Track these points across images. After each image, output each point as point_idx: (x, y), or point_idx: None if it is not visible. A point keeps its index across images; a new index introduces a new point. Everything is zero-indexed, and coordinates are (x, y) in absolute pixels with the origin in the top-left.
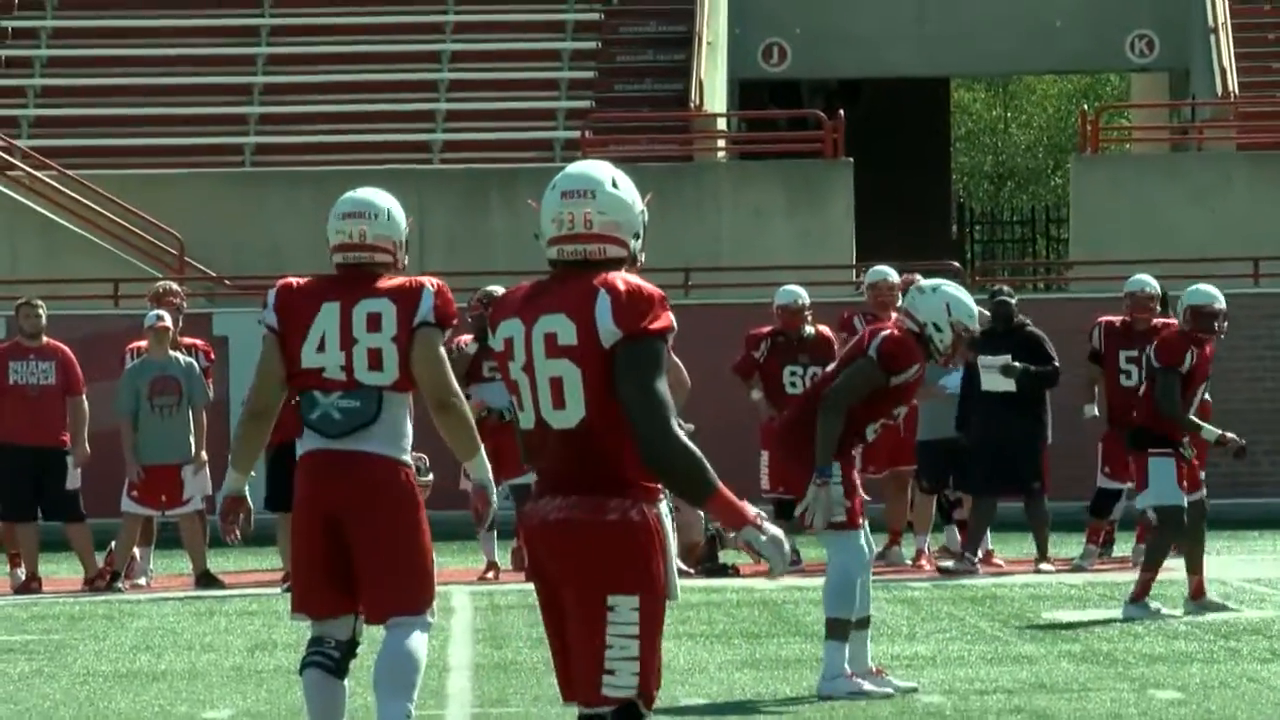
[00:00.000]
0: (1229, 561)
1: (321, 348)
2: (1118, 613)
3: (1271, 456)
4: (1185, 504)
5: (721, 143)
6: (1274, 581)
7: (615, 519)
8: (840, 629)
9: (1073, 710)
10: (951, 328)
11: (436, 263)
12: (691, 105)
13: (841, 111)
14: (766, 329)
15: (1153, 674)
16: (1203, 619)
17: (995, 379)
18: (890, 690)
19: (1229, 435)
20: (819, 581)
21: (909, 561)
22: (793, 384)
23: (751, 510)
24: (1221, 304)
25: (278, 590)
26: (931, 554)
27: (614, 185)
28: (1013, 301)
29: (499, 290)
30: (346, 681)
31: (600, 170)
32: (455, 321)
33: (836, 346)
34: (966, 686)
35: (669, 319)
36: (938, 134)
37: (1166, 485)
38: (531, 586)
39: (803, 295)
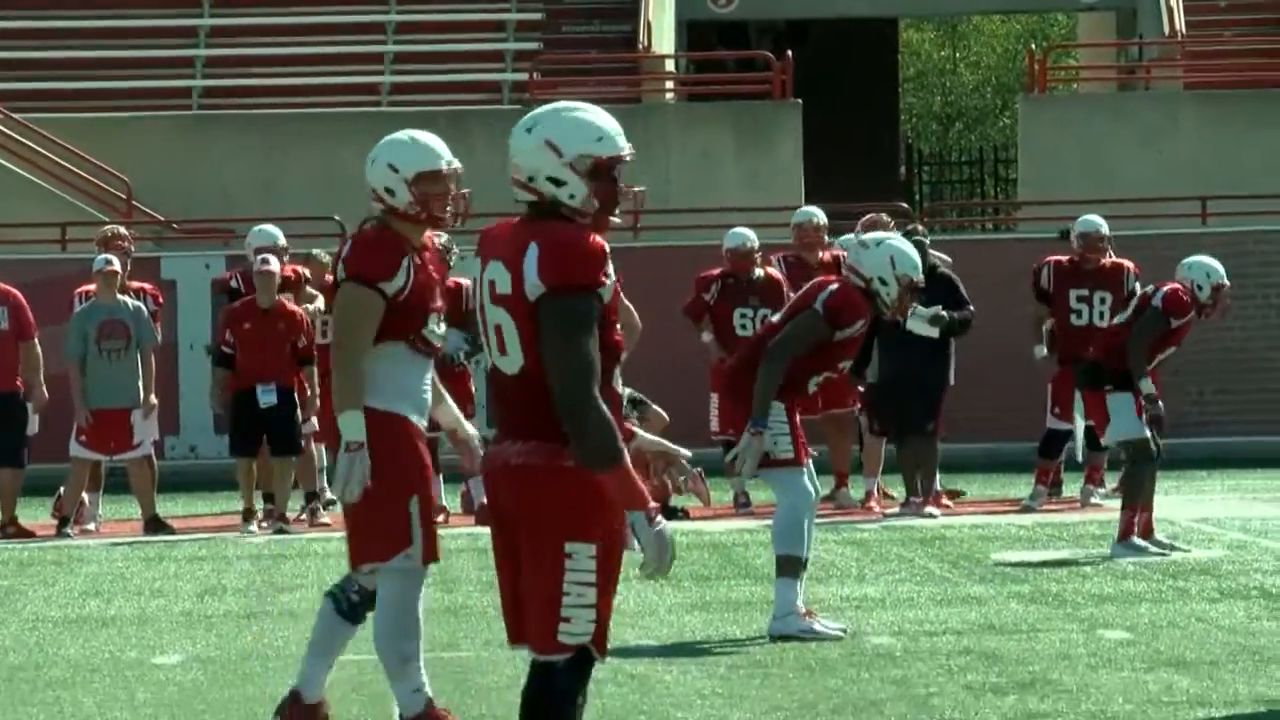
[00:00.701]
0: (1177, 501)
1: None
2: (1066, 553)
3: (1220, 396)
4: (1149, 434)
5: (670, 84)
6: (1222, 521)
7: (573, 465)
8: (791, 566)
9: (1022, 651)
10: (897, 281)
11: None
12: (640, 47)
13: (789, 52)
14: (716, 271)
15: (1101, 614)
16: (1149, 560)
17: (922, 325)
18: (838, 632)
19: (1158, 404)
20: (768, 523)
21: (858, 503)
22: (743, 326)
23: (648, 499)
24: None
25: (232, 534)
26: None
27: (528, 130)
28: (927, 242)
29: (443, 238)
30: (358, 629)
31: (537, 111)
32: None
33: (786, 289)
34: (916, 628)
35: (599, 275)
36: (886, 75)
37: (1129, 420)
38: (481, 530)
39: (752, 238)
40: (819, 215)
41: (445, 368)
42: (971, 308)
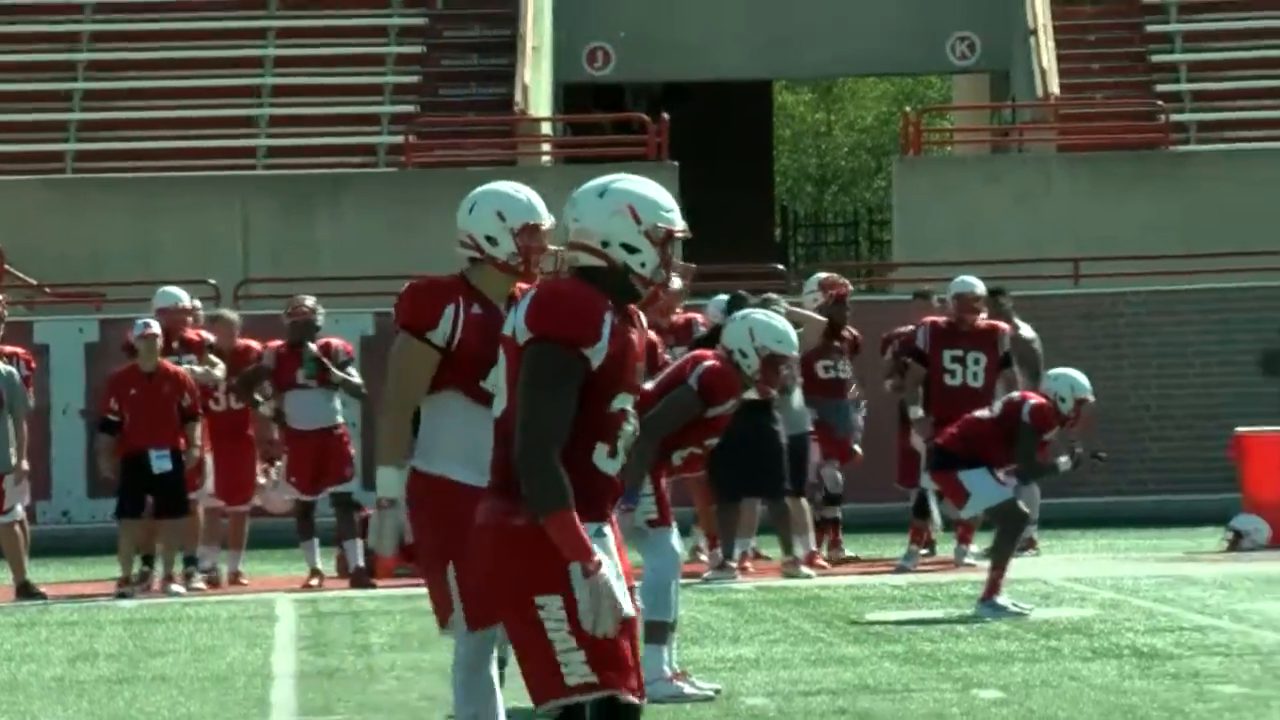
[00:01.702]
0: (1051, 561)
1: None
2: (940, 613)
3: (1092, 458)
4: (1012, 495)
5: (546, 146)
6: (1094, 580)
7: (522, 524)
8: (659, 631)
9: (895, 711)
10: (757, 353)
11: (261, 269)
12: (516, 109)
13: (665, 115)
14: None
15: (975, 674)
16: (1027, 620)
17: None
18: (710, 693)
19: (1075, 453)
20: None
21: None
22: None
23: (593, 553)
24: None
25: (102, 600)
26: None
27: (600, 194)
28: (782, 310)
29: (310, 300)
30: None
31: (602, 179)
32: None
33: (660, 349)
34: (790, 688)
35: (585, 333)
36: (760, 137)
37: (988, 489)
38: (355, 593)
39: None
40: (677, 280)
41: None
42: None
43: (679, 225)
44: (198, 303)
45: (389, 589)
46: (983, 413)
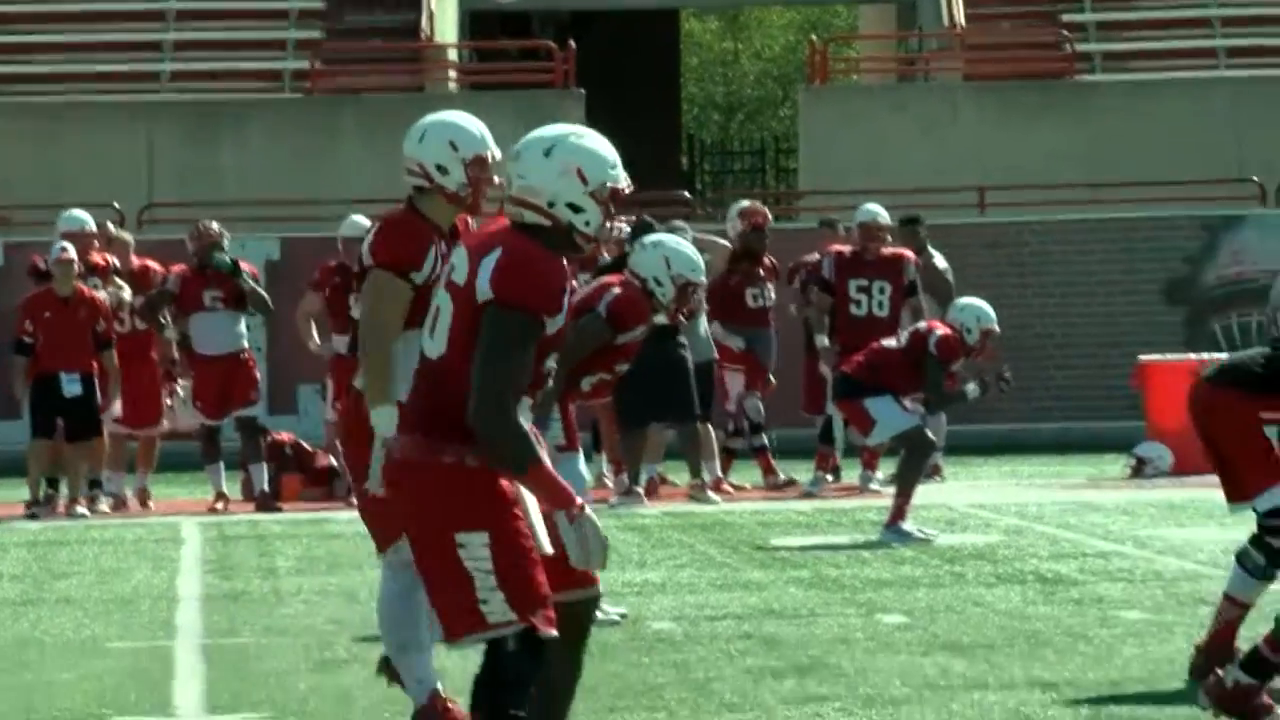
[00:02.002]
0: (956, 487)
1: None
2: (845, 539)
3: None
4: (918, 422)
5: (453, 73)
6: (999, 507)
7: (451, 462)
8: None
9: (801, 635)
10: (672, 281)
11: (166, 194)
12: (422, 35)
13: (573, 42)
14: None
15: (879, 599)
16: (931, 546)
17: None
18: (616, 617)
19: (983, 380)
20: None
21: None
22: None
23: (574, 497)
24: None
25: (9, 522)
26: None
27: (546, 153)
28: (688, 236)
29: (215, 225)
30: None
31: (550, 131)
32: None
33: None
34: (696, 613)
35: (550, 305)
36: (668, 65)
37: (894, 416)
38: (260, 516)
39: None
40: None
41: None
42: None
43: (624, 182)
44: (111, 226)
45: (294, 513)
46: (889, 342)
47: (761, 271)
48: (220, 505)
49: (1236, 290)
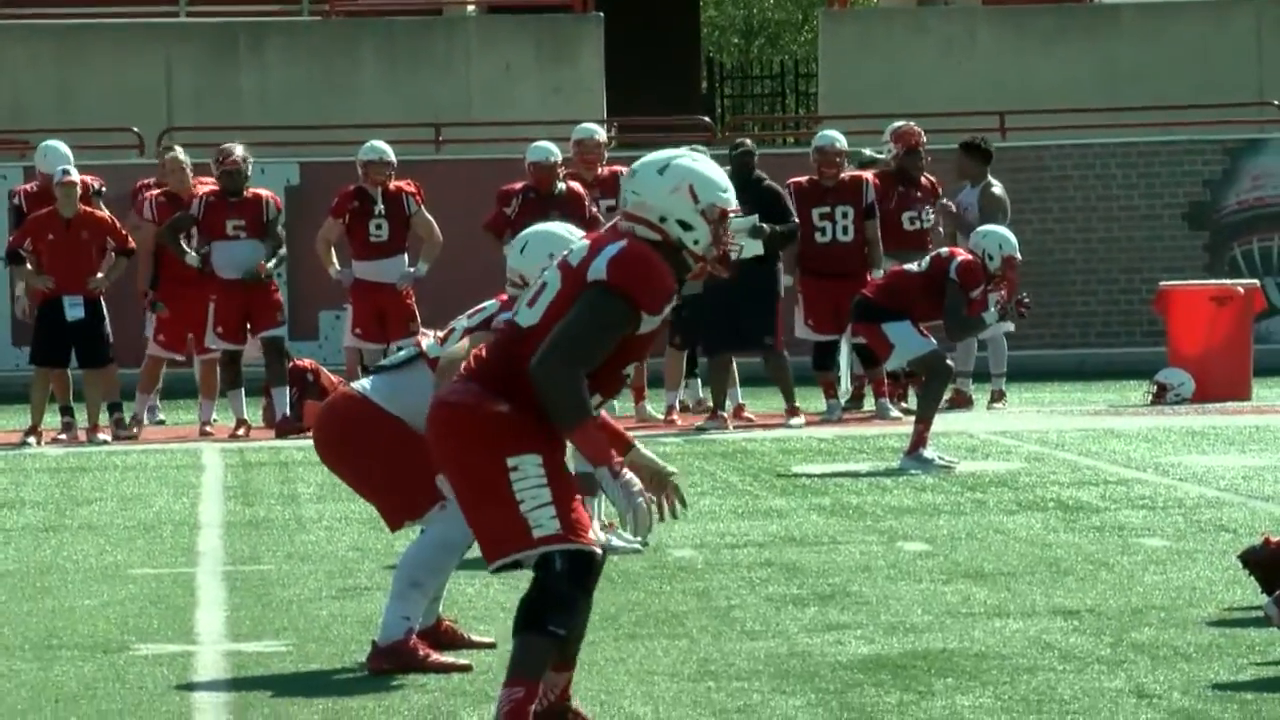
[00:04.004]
0: (975, 414)
1: None
2: (867, 466)
3: (1032, 313)
4: (936, 347)
5: None
6: (1019, 434)
7: (505, 409)
8: (587, 483)
9: (822, 563)
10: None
11: (184, 118)
12: None
13: None
14: (519, 185)
15: (901, 526)
16: (952, 473)
17: (744, 242)
18: (638, 545)
19: (1002, 305)
20: None
21: (660, 416)
22: None
23: (614, 455)
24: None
25: (26, 446)
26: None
27: (660, 171)
28: (755, 155)
29: (239, 149)
30: None
31: (665, 152)
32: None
33: (588, 202)
34: (718, 540)
35: (652, 306)
36: None
37: (912, 340)
38: (282, 444)
39: (554, 152)
40: (600, 133)
41: (254, 282)
42: (796, 219)
43: (733, 204)
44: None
45: None
46: (910, 266)
47: (919, 194)
48: (242, 432)
49: (1258, 215)
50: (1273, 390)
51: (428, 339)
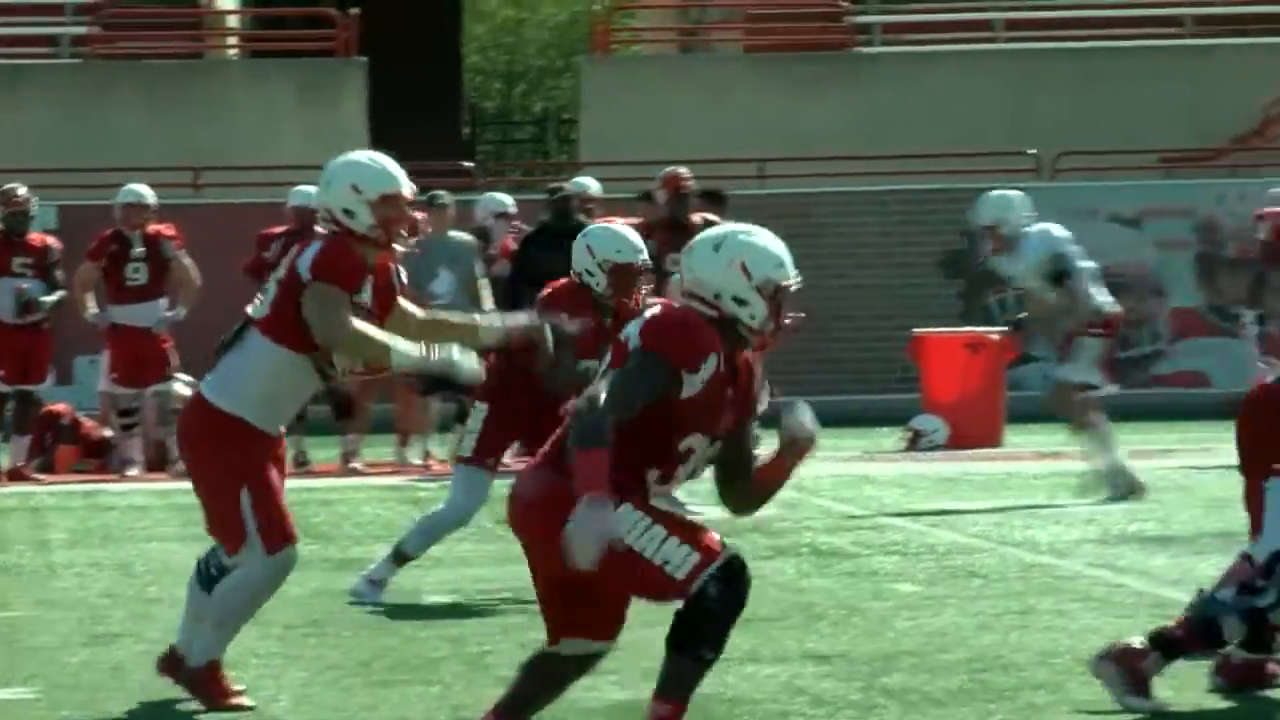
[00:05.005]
0: None
1: None
2: None
3: (777, 357)
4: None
5: (233, 40)
6: None
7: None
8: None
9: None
10: (600, 268)
11: None
12: (202, 2)
13: (354, 10)
14: (279, 229)
15: None
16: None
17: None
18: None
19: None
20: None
21: (418, 461)
22: None
23: (604, 496)
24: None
25: None
26: None
27: (715, 248)
28: (575, 199)
29: (23, 189)
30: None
31: (723, 228)
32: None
33: None
34: (471, 586)
35: (689, 362)
36: (451, 33)
37: None
38: (30, 489)
39: (314, 195)
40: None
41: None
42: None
43: (789, 279)
44: None
45: (68, 485)
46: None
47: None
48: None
49: None
50: (1024, 437)
51: (251, 306)
